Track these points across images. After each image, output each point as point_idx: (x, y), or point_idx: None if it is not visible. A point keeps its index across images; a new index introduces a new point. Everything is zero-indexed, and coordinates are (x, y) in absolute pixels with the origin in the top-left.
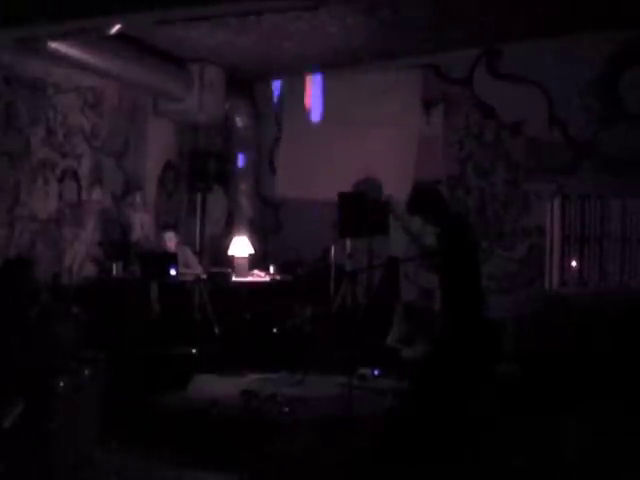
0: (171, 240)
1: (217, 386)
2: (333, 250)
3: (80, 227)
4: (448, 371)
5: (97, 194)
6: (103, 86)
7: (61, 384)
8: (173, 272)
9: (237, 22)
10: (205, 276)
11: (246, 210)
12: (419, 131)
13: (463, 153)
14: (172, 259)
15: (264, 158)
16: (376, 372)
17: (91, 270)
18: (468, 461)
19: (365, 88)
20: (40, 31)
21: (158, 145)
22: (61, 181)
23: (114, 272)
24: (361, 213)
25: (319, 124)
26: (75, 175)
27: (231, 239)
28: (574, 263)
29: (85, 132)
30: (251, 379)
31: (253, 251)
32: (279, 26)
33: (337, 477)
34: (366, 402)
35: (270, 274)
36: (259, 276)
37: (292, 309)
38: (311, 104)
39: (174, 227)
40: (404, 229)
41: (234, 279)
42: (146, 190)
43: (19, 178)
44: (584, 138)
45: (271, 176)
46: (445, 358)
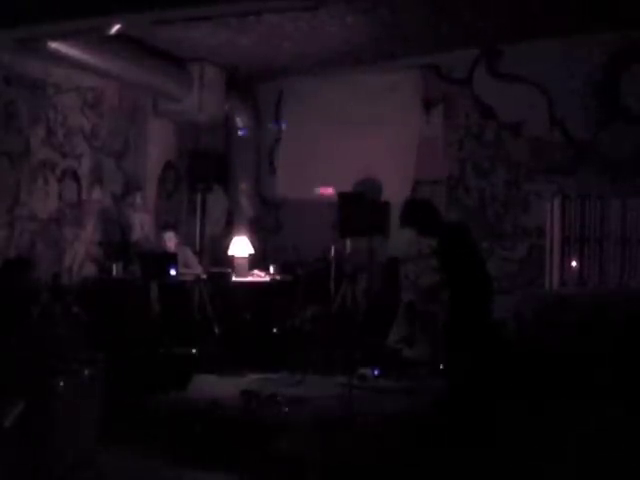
0: (171, 240)
1: (217, 386)
2: (333, 250)
3: (80, 227)
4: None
5: (97, 194)
6: (103, 86)
7: (61, 384)
8: (173, 272)
9: (237, 22)
10: (205, 276)
11: (246, 210)
12: (419, 131)
13: (463, 153)
14: (172, 259)
15: (264, 158)
16: (376, 372)
17: (91, 270)
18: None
19: (365, 88)
20: (40, 31)
21: (158, 145)
22: (61, 181)
23: (114, 272)
24: (361, 213)
25: (319, 124)
26: (75, 175)
27: (231, 239)
28: (574, 263)
29: (85, 132)
30: (251, 379)
31: (253, 251)
32: (279, 26)
33: (337, 477)
34: (366, 402)
35: (270, 274)
36: (259, 276)
37: (292, 309)
38: (311, 104)
39: (174, 227)
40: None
41: (234, 279)
42: (146, 190)
43: (19, 178)
44: (584, 138)
45: (271, 176)
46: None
